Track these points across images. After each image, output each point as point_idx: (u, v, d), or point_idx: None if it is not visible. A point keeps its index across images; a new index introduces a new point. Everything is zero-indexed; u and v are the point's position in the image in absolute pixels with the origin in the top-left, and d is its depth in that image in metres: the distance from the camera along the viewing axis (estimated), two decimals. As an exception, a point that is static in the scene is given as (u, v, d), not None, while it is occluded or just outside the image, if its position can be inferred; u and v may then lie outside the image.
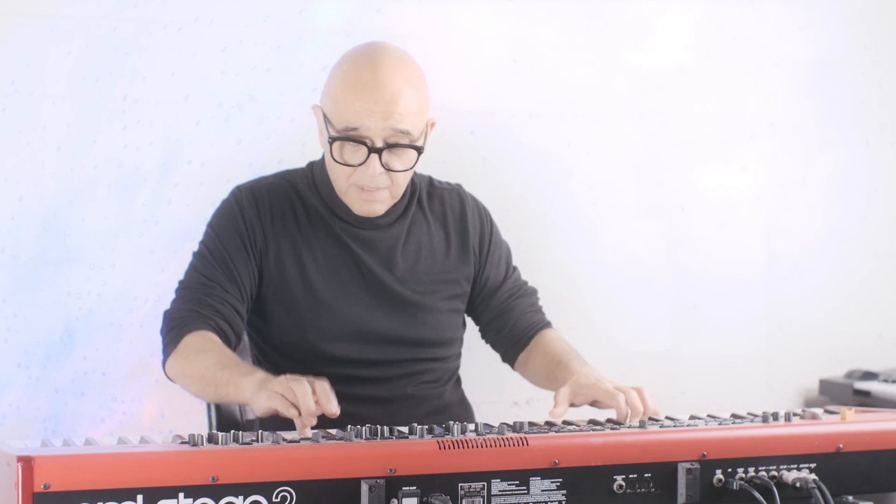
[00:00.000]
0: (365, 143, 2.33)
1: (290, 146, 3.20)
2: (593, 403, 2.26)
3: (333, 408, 2.07)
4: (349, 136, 2.34)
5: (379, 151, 2.33)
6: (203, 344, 2.32)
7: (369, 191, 2.39)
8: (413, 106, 2.35)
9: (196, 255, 2.48)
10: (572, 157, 3.55)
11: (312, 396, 2.04)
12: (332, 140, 2.35)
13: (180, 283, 2.46)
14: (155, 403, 3.17)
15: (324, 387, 2.08)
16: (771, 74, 3.73)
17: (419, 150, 2.38)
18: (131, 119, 3.15)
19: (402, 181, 2.42)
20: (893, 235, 3.87)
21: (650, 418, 2.20)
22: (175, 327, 2.37)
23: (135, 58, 3.14)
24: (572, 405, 2.26)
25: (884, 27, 3.82)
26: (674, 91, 3.64)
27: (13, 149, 3.08)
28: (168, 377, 2.40)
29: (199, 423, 3.04)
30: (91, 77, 3.12)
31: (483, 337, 2.66)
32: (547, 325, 2.61)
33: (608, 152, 3.59)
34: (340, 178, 2.40)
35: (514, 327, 2.59)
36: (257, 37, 3.23)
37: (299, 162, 2.59)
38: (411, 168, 2.40)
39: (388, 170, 2.36)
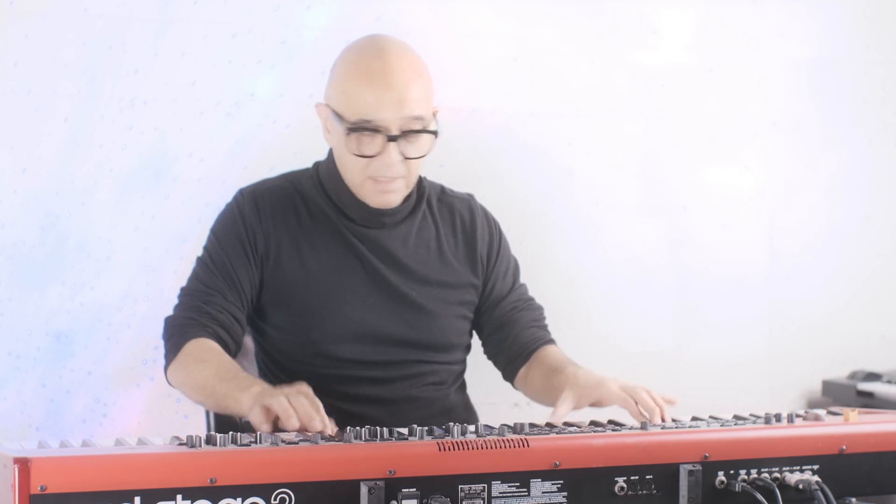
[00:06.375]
0: (381, 132, 2.33)
1: (285, 152, 3.17)
2: (594, 403, 2.25)
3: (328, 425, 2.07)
4: (365, 127, 2.33)
5: (395, 139, 2.34)
6: (202, 353, 2.33)
7: (385, 181, 2.38)
8: (423, 92, 2.36)
9: (198, 260, 2.47)
10: (573, 157, 3.54)
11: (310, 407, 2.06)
12: (348, 131, 2.34)
13: (182, 289, 2.46)
14: (137, 406, 3.16)
15: (315, 402, 2.09)
16: (773, 73, 3.72)
17: (434, 133, 2.38)
18: (139, 101, 3.14)
19: (416, 169, 2.42)
20: (896, 235, 3.86)
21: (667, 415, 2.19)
22: (174, 335, 2.38)
23: (147, 34, 3.13)
24: (575, 408, 2.24)
25: (887, 26, 3.82)
26: (675, 90, 3.63)
27: (15, 135, 3.07)
28: (170, 384, 2.40)
29: (184, 427, 3.03)
30: (105, 46, 3.10)
31: (485, 351, 2.61)
32: (549, 341, 2.56)
33: (609, 151, 3.58)
34: (355, 172, 2.39)
35: (516, 340, 2.54)
36: (265, 30, 3.22)
37: (292, 166, 2.57)
38: (426, 154, 2.39)
39: (405, 158, 2.36)
